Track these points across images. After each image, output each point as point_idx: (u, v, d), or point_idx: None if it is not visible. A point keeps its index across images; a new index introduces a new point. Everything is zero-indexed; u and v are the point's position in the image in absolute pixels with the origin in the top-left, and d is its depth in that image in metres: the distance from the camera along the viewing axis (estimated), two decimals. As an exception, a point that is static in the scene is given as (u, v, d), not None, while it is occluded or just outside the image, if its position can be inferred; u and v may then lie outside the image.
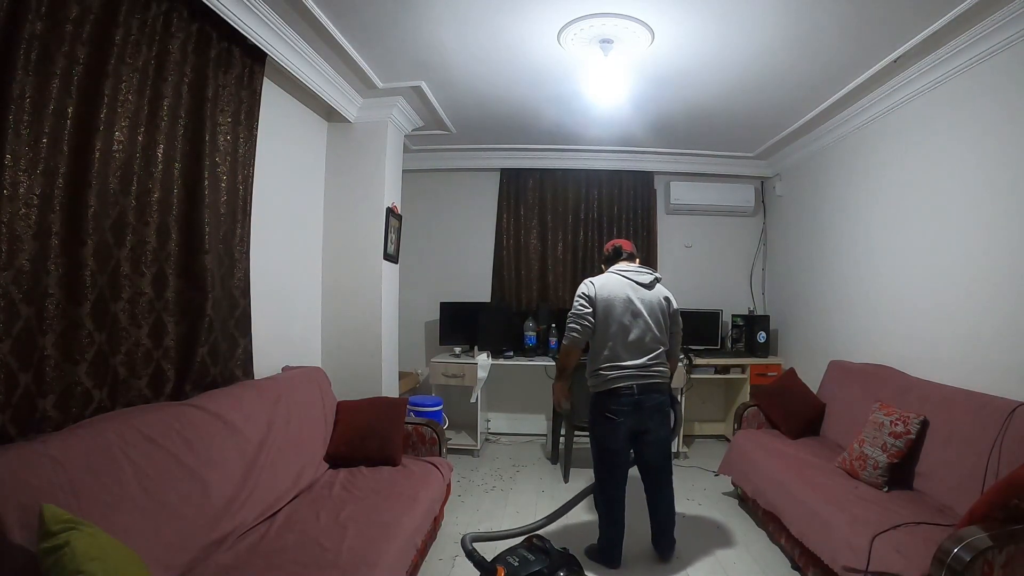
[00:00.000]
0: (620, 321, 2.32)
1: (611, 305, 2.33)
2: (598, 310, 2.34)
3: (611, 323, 2.33)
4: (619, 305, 2.33)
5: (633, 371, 2.31)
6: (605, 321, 2.33)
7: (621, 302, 2.33)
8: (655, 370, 2.35)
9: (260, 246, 2.60)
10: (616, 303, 2.33)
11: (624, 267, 2.46)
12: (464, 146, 4.46)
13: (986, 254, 2.38)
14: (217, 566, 1.62)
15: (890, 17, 2.30)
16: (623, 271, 2.43)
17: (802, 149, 4.05)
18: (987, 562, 1.43)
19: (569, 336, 2.37)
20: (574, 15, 2.38)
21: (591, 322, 2.34)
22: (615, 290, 2.35)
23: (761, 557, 2.53)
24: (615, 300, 2.33)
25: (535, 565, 1.73)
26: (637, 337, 2.32)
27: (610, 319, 2.33)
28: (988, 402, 2.12)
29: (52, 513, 1.17)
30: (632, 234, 4.67)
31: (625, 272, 2.42)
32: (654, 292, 2.41)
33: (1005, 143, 2.28)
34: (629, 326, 2.33)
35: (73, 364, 1.64)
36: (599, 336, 2.35)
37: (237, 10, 2.20)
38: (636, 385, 2.30)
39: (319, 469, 2.45)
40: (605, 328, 2.33)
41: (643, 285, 2.39)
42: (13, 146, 1.43)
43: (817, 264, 3.89)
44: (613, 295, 2.34)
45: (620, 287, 2.37)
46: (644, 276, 2.42)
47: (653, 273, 2.46)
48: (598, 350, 2.37)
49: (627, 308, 2.34)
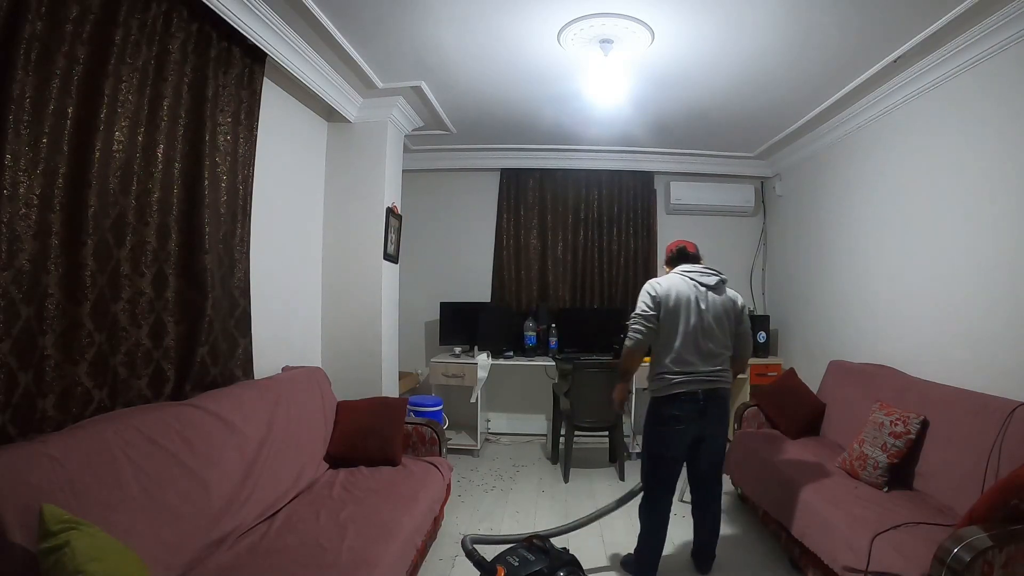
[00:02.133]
0: (686, 323, 2.21)
1: (676, 307, 2.22)
2: (663, 312, 2.23)
3: (676, 325, 2.22)
4: (684, 307, 2.22)
5: (699, 376, 2.20)
6: (670, 323, 2.22)
7: (686, 304, 2.22)
8: (721, 375, 2.25)
9: (260, 246, 2.60)
10: (681, 305, 2.22)
11: (689, 268, 2.34)
12: (464, 146, 4.46)
13: (986, 254, 2.38)
14: (217, 566, 1.62)
15: (890, 17, 2.30)
16: (688, 272, 2.31)
17: (802, 149, 4.05)
18: (987, 562, 1.43)
19: (632, 337, 2.26)
20: (574, 15, 2.38)
21: (655, 324, 2.23)
22: (681, 292, 2.24)
23: (761, 557, 2.53)
24: (680, 302, 2.23)
25: (535, 565, 1.72)
26: (703, 340, 2.22)
27: (675, 321, 2.22)
28: (988, 402, 2.12)
29: (52, 513, 1.17)
30: (632, 234, 4.68)
31: (690, 273, 2.31)
32: (721, 294, 2.30)
33: (1005, 143, 2.28)
34: (695, 329, 2.22)
35: (73, 364, 1.63)
36: (663, 339, 2.24)
37: (237, 10, 2.19)
38: (701, 391, 2.19)
39: (319, 469, 2.45)
40: (670, 330, 2.22)
41: (709, 287, 2.28)
42: (13, 146, 1.43)
43: (817, 264, 3.89)
44: (679, 297, 2.23)
45: (686, 289, 2.25)
46: (710, 278, 2.30)
47: (719, 275, 2.33)
48: (662, 353, 2.26)
49: (693, 310, 2.22)
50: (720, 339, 2.26)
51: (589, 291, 4.69)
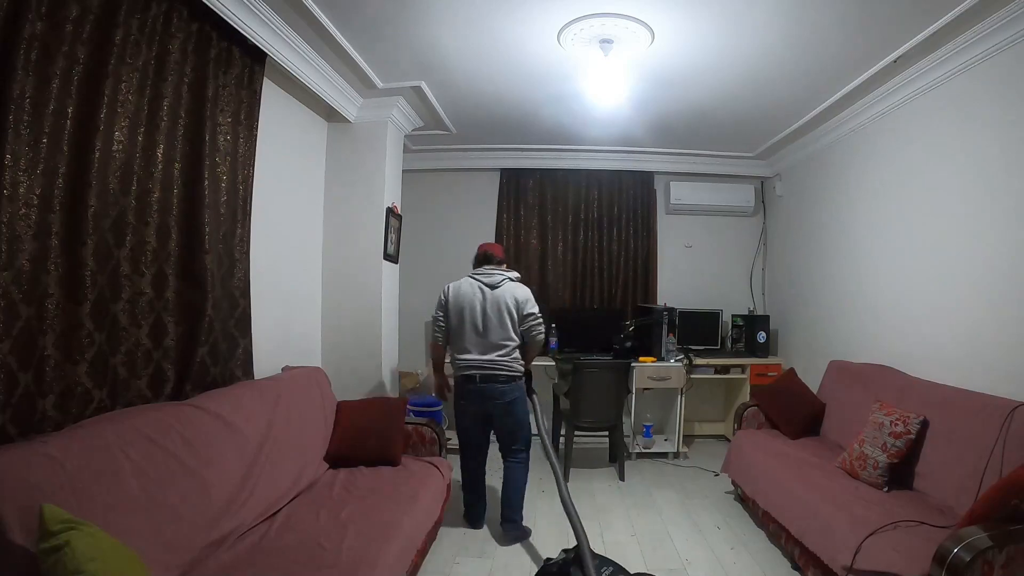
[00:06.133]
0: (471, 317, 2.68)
1: (459, 305, 2.70)
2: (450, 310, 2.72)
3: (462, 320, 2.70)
4: (467, 305, 2.68)
5: (476, 362, 2.66)
6: (456, 318, 2.71)
7: (469, 302, 2.68)
8: (497, 362, 2.65)
9: (260, 246, 2.60)
10: (464, 303, 2.69)
11: (479, 270, 2.78)
12: (464, 146, 4.46)
13: (986, 254, 2.38)
14: (217, 566, 1.62)
15: (890, 17, 2.30)
16: (475, 274, 2.76)
17: (802, 149, 4.05)
18: (987, 562, 1.43)
19: (432, 336, 2.87)
20: (574, 15, 2.38)
21: (445, 321, 2.75)
22: (463, 292, 2.71)
23: (761, 557, 2.53)
24: (462, 301, 2.70)
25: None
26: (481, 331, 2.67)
27: (461, 317, 2.70)
28: (988, 402, 2.12)
29: (52, 513, 1.17)
30: (632, 234, 4.68)
31: (477, 275, 2.75)
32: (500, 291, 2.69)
33: (1005, 143, 2.28)
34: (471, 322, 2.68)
35: (73, 364, 1.63)
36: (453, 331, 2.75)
37: (237, 10, 2.19)
38: (479, 375, 2.64)
39: (319, 469, 2.45)
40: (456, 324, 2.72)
41: (490, 286, 2.70)
42: (13, 146, 1.43)
43: (817, 264, 3.89)
44: (460, 296, 2.71)
45: (469, 289, 2.71)
46: (492, 278, 2.72)
47: (505, 274, 2.75)
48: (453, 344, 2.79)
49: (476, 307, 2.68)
50: (498, 331, 2.65)
51: (589, 291, 4.69)
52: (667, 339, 4.06)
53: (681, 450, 4.05)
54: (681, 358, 4.04)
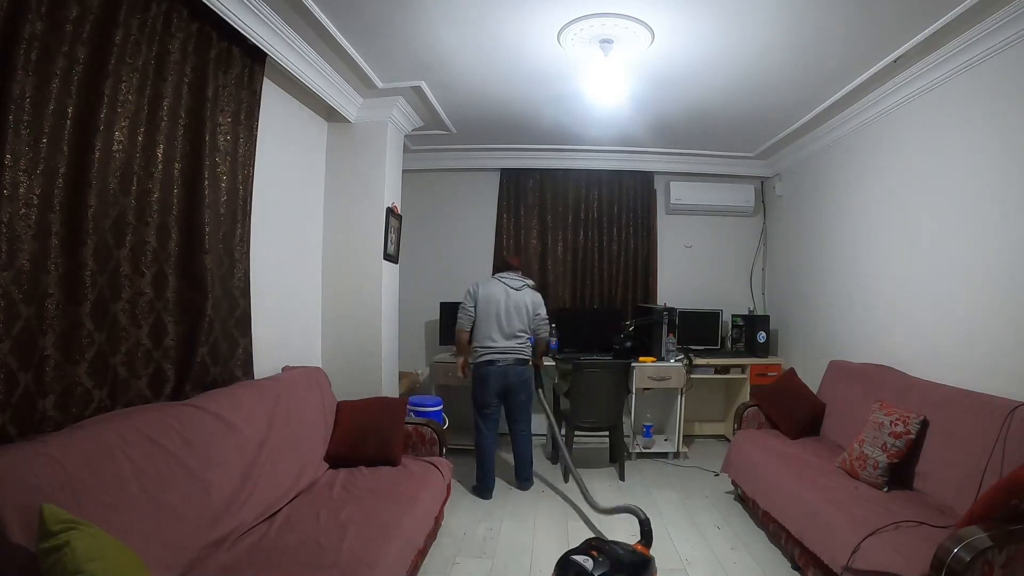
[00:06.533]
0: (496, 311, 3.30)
1: (487, 300, 3.33)
2: (479, 303, 3.34)
3: (489, 312, 3.31)
4: (494, 300, 3.31)
5: (499, 348, 3.28)
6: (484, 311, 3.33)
7: (496, 298, 3.30)
8: (519, 348, 3.31)
9: (260, 246, 2.60)
10: (491, 299, 3.30)
11: (504, 275, 3.41)
12: (464, 146, 4.46)
13: (986, 254, 2.38)
14: (217, 566, 1.62)
15: (890, 17, 2.30)
16: (502, 277, 3.39)
17: (802, 149, 4.05)
18: (987, 562, 1.43)
19: (458, 321, 3.45)
20: (574, 15, 2.38)
21: (473, 312, 3.36)
22: (493, 290, 3.32)
23: (761, 557, 2.53)
24: (491, 297, 3.32)
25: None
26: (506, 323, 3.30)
27: (488, 309, 3.32)
28: (988, 402, 2.12)
29: (52, 513, 1.17)
30: (632, 234, 4.68)
31: (503, 278, 3.38)
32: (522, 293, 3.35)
33: (1005, 143, 2.28)
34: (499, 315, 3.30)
35: (73, 364, 1.64)
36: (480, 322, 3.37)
37: (237, 10, 2.19)
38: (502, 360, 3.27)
39: (319, 469, 2.45)
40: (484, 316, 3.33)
41: (514, 288, 3.34)
42: (13, 146, 1.43)
43: (817, 264, 3.89)
44: (489, 294, 3.32)
45: (498, 289, 3.33)
46: (515, 283, 3.37)
47: (524, 281, 3.41)
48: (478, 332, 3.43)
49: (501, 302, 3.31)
50: (516, 324, 3.29)
51: (589, 291, 4.69)
52: (667, 339, 4.06)
53: (681, 450, 4.06)
54: (681, 358, 4.04)
